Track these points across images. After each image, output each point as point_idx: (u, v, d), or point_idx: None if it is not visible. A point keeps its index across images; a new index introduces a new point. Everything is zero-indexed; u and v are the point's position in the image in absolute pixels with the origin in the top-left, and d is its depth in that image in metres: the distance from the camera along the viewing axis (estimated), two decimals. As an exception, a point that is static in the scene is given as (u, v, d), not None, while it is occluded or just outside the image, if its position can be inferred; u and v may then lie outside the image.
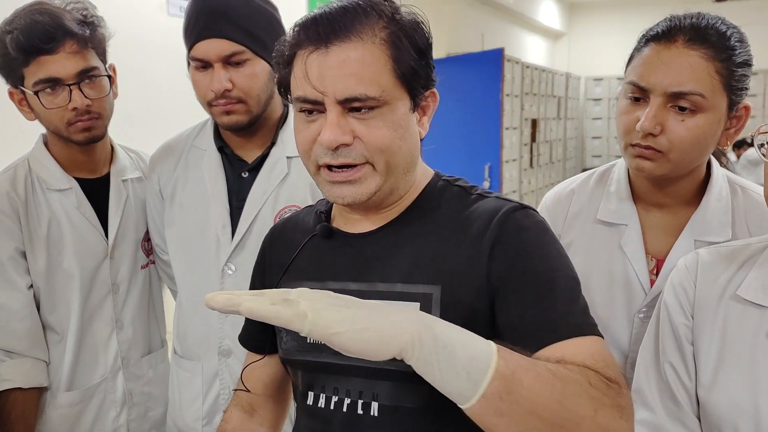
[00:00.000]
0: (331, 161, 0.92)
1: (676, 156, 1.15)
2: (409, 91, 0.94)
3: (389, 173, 0.94)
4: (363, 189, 0.93)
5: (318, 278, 1.02)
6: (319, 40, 0.89)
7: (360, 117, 0.91)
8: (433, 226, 0.99)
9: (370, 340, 0.70)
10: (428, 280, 0.94)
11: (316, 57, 0.90)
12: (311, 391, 1.01)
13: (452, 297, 0.92)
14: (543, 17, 9.40)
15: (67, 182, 1.55)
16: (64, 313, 1.53)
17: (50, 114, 1.44)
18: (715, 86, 1.12)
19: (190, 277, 1.54)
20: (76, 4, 1.48)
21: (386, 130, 0.91)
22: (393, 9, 0.94)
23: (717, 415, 0.98)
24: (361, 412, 0.95)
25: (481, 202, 0.99)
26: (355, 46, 0.89)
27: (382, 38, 0.91)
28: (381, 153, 0.92)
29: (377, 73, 0.90)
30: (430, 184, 1.04)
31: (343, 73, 0.89)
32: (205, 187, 1.51)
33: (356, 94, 0.89)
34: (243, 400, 1.20)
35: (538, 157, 8.07)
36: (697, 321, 1.03)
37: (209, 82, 1.39)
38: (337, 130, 0.89)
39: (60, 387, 1.54)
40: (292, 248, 1.08)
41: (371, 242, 1.01)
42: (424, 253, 0.96)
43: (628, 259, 1.26)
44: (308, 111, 0.92)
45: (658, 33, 1.17)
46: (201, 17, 1.38)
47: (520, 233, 0.94)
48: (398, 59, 0.92)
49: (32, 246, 1.49)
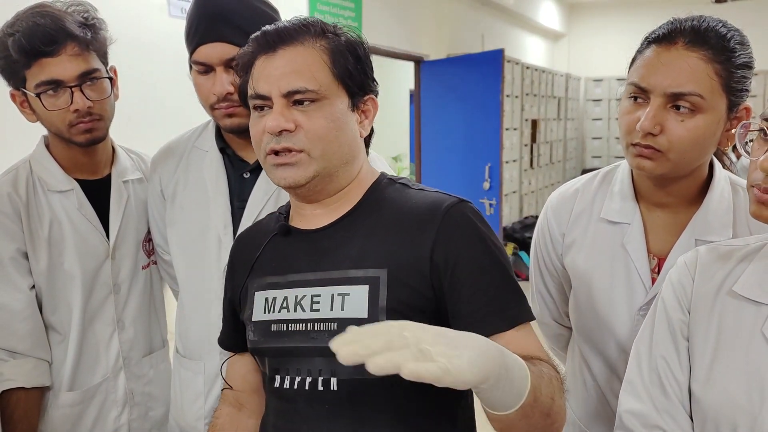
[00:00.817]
0: (275, 146, 1.04)
1: (676, 156, 1.16)
2: (347, 91, 1.07)
3: (325, 160, 1.05)
4: (301, 172, 1.05)
5: (280, 272, 1.12)
6: (268, 47, 1.05)
7: (302, 109, 1.03)
8: (378, 217, 1.09)
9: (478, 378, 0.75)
10: (376, 264, 1.04)
11: (264, 60, 1.05)
12: (277, 375, 1.09)
13: (397, 279, 1.02)
14: (543, 18, 9.40)
15: (69, 184, 1.55)
16: (65, 314, 1.54)
17: (52, 116, 1.45)
18: (714, 87, 1.13)
19: (191, 277, 1.55)
20: (78, 7, 1.49)
21: (324, 120, 1.04)
22: (334, 28, 1.10)
23: (712, 410, 0.99)
24: (322, 388, 1.04)
25: (422, 195, 1.10)
26: (297, 49, 1.05)
27: (322, 45, 1.06)
28: (318, 140, 1.04)
29: (315, 71, 1.04)
30: (375, 182, 1.14)
31: (286, 71, 1.03)
32: (207, 188, 1.52)
33: (297, 87, 1.02)
34: (230, 396, 1.28)
35: (539, 158, 8.07)
36: (694, 316, 1.04)
37: (211, 85, 1.40)
38: (280, 117, 1.02)
39: (62, 387, 1.54)
40: (255, 248, 1.18)
41: (324, 236, 1.11)
42: (372, 241, 1.06)
43: (630, 258, 1.28)
44: (260, 107, 1.05)
45: (659, 35, 1.18)
46: (203, 21, 1.39)
47: (463, 225, 1.05)
48: (335, 61, 1.06)
49: (34, 247, 1.50)
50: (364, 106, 1.11)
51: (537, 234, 1.47)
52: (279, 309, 1.09)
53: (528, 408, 0.83)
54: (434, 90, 6.51)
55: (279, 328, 1.08)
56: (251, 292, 1.15)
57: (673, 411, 1.03)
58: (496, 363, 0.78)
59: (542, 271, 1.47)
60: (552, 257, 1.42)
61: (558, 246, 1.40)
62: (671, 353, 1.05)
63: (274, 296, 1.10)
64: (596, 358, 1.36)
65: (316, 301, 1.06)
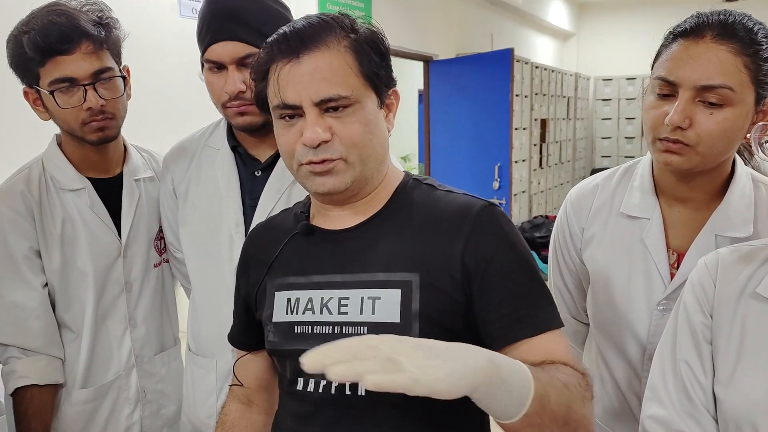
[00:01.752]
0: (313, 158, 1.01)
1: (705, 149, 1.16)
2: (375, 90, 1.05)
3: (362, 164, 1.03)
4: (339, 178, 1.02)
5: (302, 273, 1.09)
6: (291, 53, 1.00)
7: (335, 116, 1.01)
8: (408, 220, 1.07)
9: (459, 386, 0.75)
10: (407, 268, 1.02)
11: (289, 67, 1.00)
12: (300, 378, 1.07)
13: (429, 284, 1.01)
14: (552, 18, 9.37)
15: (81, 182, 1.56)
16: (78, 312, 1.55)
17: (65, 114, 1.46)
18: (743, 80, 1.13)
19: (203, 275, 1.56)
20: (92, 6, 1.50)
21: (358, 125, 1.01)
22: (351, 22, 1.06)
23: (733, 412, 0.98)
24: (350, 392, 1.01)
25: (451, 197, 1.09)
26: (323, 53, 1.00)
27: (345, 45, 1.02)
28: (354, 146, 1.01)
29: (345, 76, 1.00)
30: (402, 183, 1.12)
31: (315, 78, 0.99)
32: (219, 186, 1.52)
33: (330, 95, 0.99)
34: (239, 393, 1.27)
35: (548, 158, 8.05)
36: (716, 320, 1.03)
37: (223, 84, 1.40)
38: (317, 129, 0.99)
39: (75, 384, 1.55)
40: (273, 247, 1.15)
41: (351, 237, 1.08)
42: (402, 245, 1.04)
43: (649, 253, 1.28)
44: (288, 116, 1.02)
45: (686, 29, 1.18)
46: (215, 20, 1.39)
47: (494, 229, 1.03)
48: (362, 62, 1.02)
49: (46, 245, 1.51)
50: (388, 100, 1.09)
51: (556, 229, 1.47)
52: (303, 310, 1.07)
53: (534, 416, 0.82)
54: (443, 90, 6.51)
55: (303, 330, 1.06)
56: (270, 291, 1.13)
57: (698, 415, 1.02)
58: (485, 373, 0.76)
59: (561, 267, 1.47)
60: (571, 252, 1.42)
61: (577, 241, 1.40)
62: (694, 358, 1.04)
63: (297, 297, 1.08)
64: (614, 353, 1.36)
65: (344, 304, 1.03)
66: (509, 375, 0.80)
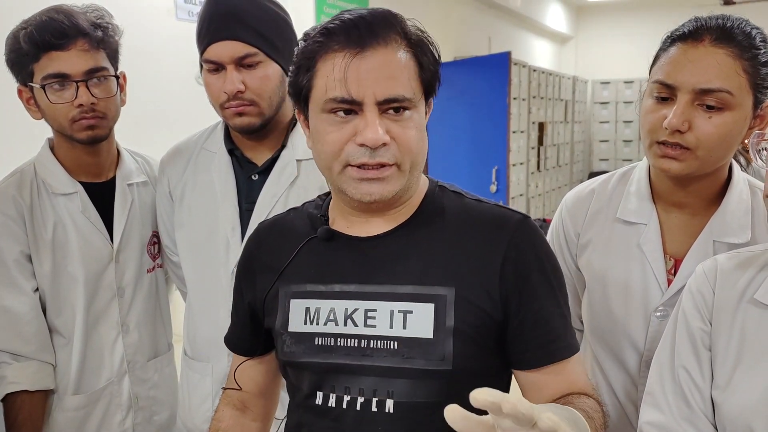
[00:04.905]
0: (369, 160, 0.93)
1: (703, 153, 1.15)
2: (426, 96, 1.00)
3: (411, 172, 0.98)
4: (390, 187, 0.96)
5: (322, 281, 1.03)
6: (355, 44, 0.92)
7: (394, 118, 0.94)
8: (440, 230, 1.02)
9: None
10: (441, 282, 0.97)
11: (352, 60, 0.91)
12: (320, 391, 1.02)
13: (465, 299, 0.96)
14: (550, 21, 9.39)
15: (73, 186, 1.55)
16: (69, 317, 1.53)
17: (56, 110, 1.45)
18: (741, 84, 1.13)
19: (200, 278, 1.55)
20: (94, 12, 1.51)
21: (415, 131, 0.96)
22: (401, 21, 0.98)
23: (731, 416, 0.98)
24: (376, 409, 0.97)
25: (483, 207, 1.05)
26: (390, 50, 0.93)
27: (406, 45, 0.95)
28: (409, 153, 0.96)
29: (410, 77, 0.94)
30: (429, 189, 1.07)
31: (382, 76, 0.91)
32: (215, 190, 1.52)
33: (395, 95, 0.92)
34: (234, 398, 1.22)
35: (545, 161, 8.05)
36: (715, 326, 1.03)
37: (222, 84, 1.40)
38: (378, 129, 0.91)
39: (67, 390, 1.54)
40: (285, 250, 1.08)
41: (378, 246, 1.02)
42: (435, 256, 0.99)
43: (646, 258, 1.27)
44: (344, 111, 0.93)
45: (684, 33, 1.18)
46: (214, 20, 1.39)
47: (533, 246, 1.00)
48: (423, 65, 0.97)
49: (38, 250, 1.50)
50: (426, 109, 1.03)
51: (551, 234, 1.46)
52: (325, 321, 1.01)
53: None
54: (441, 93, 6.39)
55: (325, 342, 1.00)
56: (283, 299, 1.06)
57: (696, 421, 1.02)
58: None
59: None
60: (566, 258, 1.41)
61: (573, 246, 1.39)
62: (693, 364, 1.04)
63: (318, 306, 1.02)
64: (610, 360, 1.35)
65: (372, 317, 0.98)
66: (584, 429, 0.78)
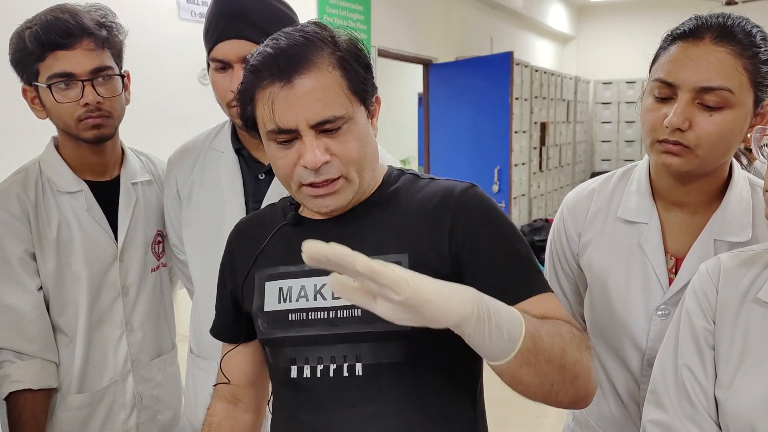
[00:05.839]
0: (315, 180, 1.02)
1: (704, 152, 1.15)
2: (363, 102, 1.06)
3: (360, 178, 1.05)
4: (342, 197, 1.05)
5: (293, 261, 1.10)
6: (282, 76, 0.99)
7: (331, 136, 1.01)
8: (394, 206, 1.10)
9: (448, 310, 0.79)
10: (397, 249, 1.05)
11: (282, 92, 0.99)
12: (294, 365, 1.08)
13: (419, 263, 1.00)
14: (552, 21, 9.39)
15: (77, 185, 1.55)
16: (72, 315, 1.53)
17: (61, 109, 1.46)
18: (742, 82, 1.13)
19: (206, 277, 1.55)
20: (98, 11, 1.52)
21: (354, 142, 1.03)
22: (331, 35, 1.04)
23: (734, 415, 0.98)
24: (347, 374, 1.04)
25: (434, 183, 1.12)
26: (314, 75, 0.99)
27: (332, 64, 1.01)
28: (352, 163, 1.03)
29: (337, 96, 1.00)
30: (386, 174, 1.15)
31: (309, 101, 0.99)
32: (222, 189, 1.53)
33: (326, 117, 0.99)
34: (225, 391, 1.26)
35: (547, 161, 8.06)
36: (719, 325, 1.03)
37: (229, 82, 1.41)
38: (316, 152, 0.99)
39: (71, 389, 1.54)
40: (260, 239, 1.16)
41: (339, 225, 1.10)
42: (390, 228, 1.07)
43: (647, 257, 1.27)
44: (284, 141, 1.02)
45: (685, 31, 1.18)
46: (221, 19, 1.40)
47: (478, 207, 1.06)
48: (350, 79, 1.03)
49: (42, 248, 1.50)
50: (372, 107, 1.10)
51: (553, 234, 1.46)
52: (296, 298, 1.08)
53: (528, 355, 0.84)
54: (443, 93, 6.51)
55: (297, 317, 1.07)
56: (259, 282, 1.14)
57: (700, 420, 1.02)
58: (473, 305, 0.80)
59: (557, 272, 1.47)
60: (568, 257, 1.41)
61: (574, 246, 1.40)
62: (696, 363, 1.04)
63: (290, 286, 1.09)
64: (612, 359, 1.35)
65: None
66: (498, 311, 0.82)
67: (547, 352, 0.87)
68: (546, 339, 0.87)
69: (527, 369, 0.85)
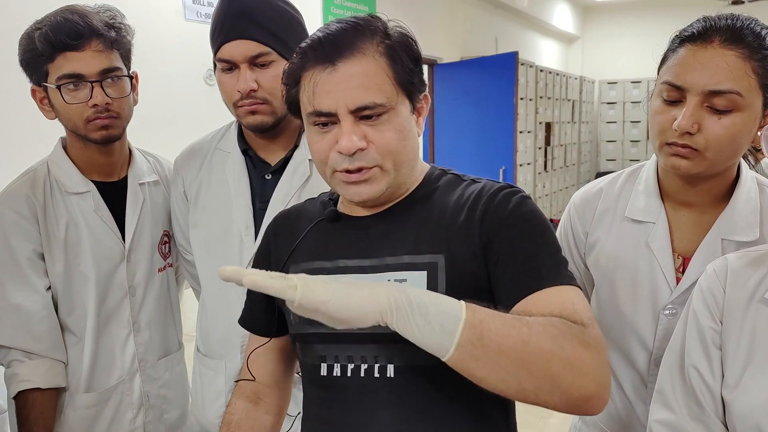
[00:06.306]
0: (349, 166, 1.01)
1: (712, 154, 1.15)
2: (409, 96, 1.05)
3: (396, 171, 1.04)
4: (376, 187, 1.03)
5: (328, 257, 1.09)
6: (326, 59, 0.99)
7: (370, 123, 1.00)
8: (432, 205, 1.08)
9: (353, 306, 0.79)
10: (432, 250, 1.03)
11: (325, 74, 0.99)
12: (324, 363, 1.06)
13: (454, 263, 1.01)
14: (557, 21, 9.38)
15: (85, 185, 1.56)
16: (81, 315, 1.54)
17: (70, 110, 1.47)
18: (751, 85, 1.13)
19: (213, 277, 1.56)
20: (107, 12, 1.52)
21: (393, 132, 1.01)
22: (384, 26, 1.05)
23: (741, 415, 0.98)
24: (378, 375, 1.02)
25: (473, 185, 1.10)
26: (359, 61, 0.99)
27: (380, 52, 1.01)
28: (389, 154, 1.02)
29: (381, 83, 1.00)
30: (427, 173, 1.14)
31: (351, 86, 0.98)
32: (229, 189, 1.53)
33: (366, 103, 0.99)
34: (247, 389, 1.23)
35: (552, 161, 8.05)
36: (726, 325, 1.03)
37: (235, 83, 1.41)
38: (353, 137, 0.99)
39: (79, 388, 1.55)
40: (297, 233, 1.15)
41: (377, 223, 1.09)
42: (427, 228, 1.06)
43: (655, 257, 1.27)
44: (323, 124, 1.02)
45: (693, 34, 1.17)
46: (228, 20, 1.40)
47: (506, 204, 1.04)
48: (396, 68, 1.02)
49: (50, 248, 1.51)
50: (419, 105, 1.09)
51: (559, 233, 1.46)
52: None
53: (472, 348, 0.80)
54: (448, 93, 6.51)
55: None
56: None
57: (707, 420, 1.02)
58: (389, 299, 0.80)
59: None
60: (575, 256, 1.42)
61: (581, 245, 1.40)
62: (703, 363, 1.04)
63: None
64: (619, 359, 1.35)
65: None
66: (423, 303, 0.80)
67: (500, 344, 0.81)
68: (499, 330, 0.81)
69: (475, 363, 0.81)
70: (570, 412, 0.89)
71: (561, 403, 0.85)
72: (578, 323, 0.89)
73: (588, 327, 0.89)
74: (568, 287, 0.97)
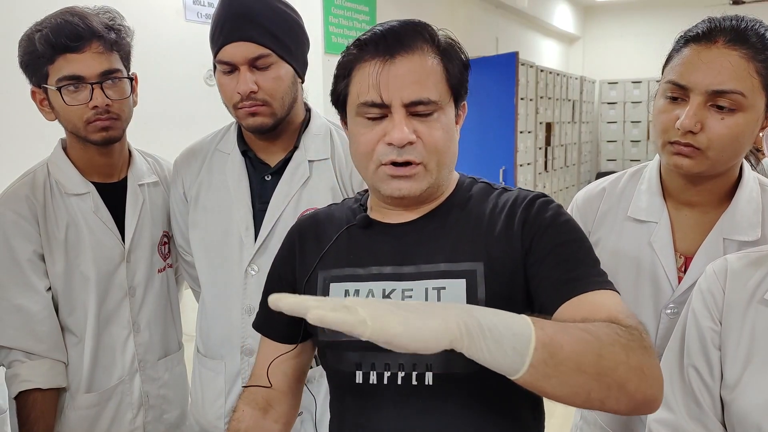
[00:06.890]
0: (397, 158, 1.01)
1: (715, 154, 1.16)
2: (455, 100, 1.07)
3: (438, 171, 1.05)
4: (417, 184, 1.04)
5: (360, 264, 1.09)
6: (386, 52, 1.01)
7: (421, 119, 1.02)
8: (467, 214, 1.09)
9: (427, 338, 0.73)
10: (471, 257, 1.03)
11: (383, 67, 1.01)
12: (359, 370, 1.05)
13: (494, 271, 1.01)
14: (557, 21, 9.37)
15: (85, 187, 1.57)
16: (81, 316, 1.55)
17: (70, 112, 1.47)
18: (754, 86, 1.14)
19: (213, 278, 1.57)
20: (107, 14, 1.53)
21: (441, 131, 1.03)
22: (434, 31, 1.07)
23: (740, 415, 0.98)
24: (416, 383, 1.01)
25: (506, 194, 1.11)
26: (418, 57, 1.01)
27: (435, 52, 1.04)
28: (435, 153, 1.03)
29: (436, 81, 1.02)
30: (459, 181, 1.15)
31: (408, 81, 1.00)
32: (229, 190, 1.54)
33: (421, 98, 1.00)
34: (258, 396, 1.20)
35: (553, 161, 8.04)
36: (726, 325, 1.03)
37: (235, 84, 1.42)
38: (405, 129, 1.00)
39: (79, 388, 1.55)
40: (325, 238, 1.14)
41: (411, 231, 1.09)
42: (464, 236, 1.06)
43: (657, 256, 1.28)
44: (374, 114, 1.02)
45: (698, 34, 1.18)
46: (228, 21, 1.41)
47: (545, 212, 1.05)
48: (450, 71, 1.04)
49: (50, 249, 1.51)
50: (460, 111, 1.11)
51: None
52: None
53: (544, 367, 0.76)
54: (448, 93, 6.50)
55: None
56: (323, 283, 1.11)
57: (706, 420, 1.02)
58: (458, 324, 0.74)
59: None
60: None
61: None
62: (702, 363, 1.04)
63: (357, 288, 1.07)
64: None
65: (408, 295, 1.03)
66: (493, 325, 0.76)
67: (573, 361, 0.78)
68: (569, 347, 0.78)
69: (547, 381, 0.77)
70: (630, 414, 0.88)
71: (625, 408, 0.84)
72: (633, 328, 0.88)
73: (642, 331, 0.89)
74: (611, 292, 0.97)
